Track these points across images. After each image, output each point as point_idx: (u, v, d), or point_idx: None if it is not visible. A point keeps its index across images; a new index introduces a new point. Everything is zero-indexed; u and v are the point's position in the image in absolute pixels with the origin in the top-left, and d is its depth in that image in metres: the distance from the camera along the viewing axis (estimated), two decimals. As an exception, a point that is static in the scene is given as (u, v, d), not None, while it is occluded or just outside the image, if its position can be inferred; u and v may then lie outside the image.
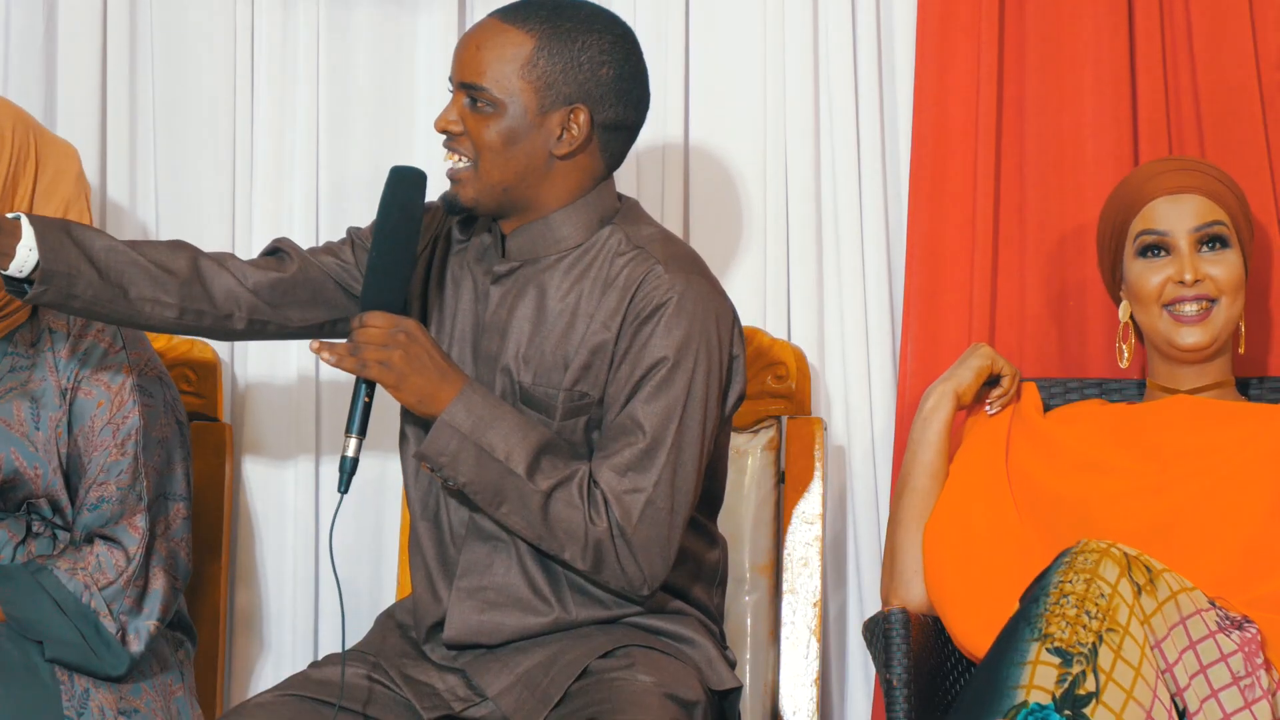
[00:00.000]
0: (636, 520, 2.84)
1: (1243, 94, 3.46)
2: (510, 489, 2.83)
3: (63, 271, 2.84)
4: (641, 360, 2.86)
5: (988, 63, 3.49)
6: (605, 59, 2.89)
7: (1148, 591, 2.77)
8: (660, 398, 2.85)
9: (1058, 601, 2.74)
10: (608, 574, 2.86)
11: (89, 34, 3.61)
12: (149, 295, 2.91)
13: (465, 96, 2.89)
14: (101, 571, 3.05)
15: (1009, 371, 3.22)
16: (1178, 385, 3.18)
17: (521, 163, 2.89)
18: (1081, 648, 2.70)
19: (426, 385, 2.84)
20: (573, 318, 2.90)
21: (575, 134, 2.89)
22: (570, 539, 2.84)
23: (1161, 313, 3.15)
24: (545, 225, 2.93)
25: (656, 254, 2.90)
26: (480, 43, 2.88)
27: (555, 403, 2.90)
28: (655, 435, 2.85)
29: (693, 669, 2.92)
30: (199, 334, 3.00)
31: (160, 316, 2.93)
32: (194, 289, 2.94)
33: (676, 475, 2.86)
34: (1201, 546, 2.99)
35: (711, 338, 2.88)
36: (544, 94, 2.87)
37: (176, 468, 3.15)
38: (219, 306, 2.96)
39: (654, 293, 2.87)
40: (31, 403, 3.08)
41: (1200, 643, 2.78)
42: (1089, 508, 3.06)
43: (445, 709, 2.90)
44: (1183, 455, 3.08)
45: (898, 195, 3.58)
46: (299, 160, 3.63)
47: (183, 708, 3.15)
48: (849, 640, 3.57)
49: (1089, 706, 2.67)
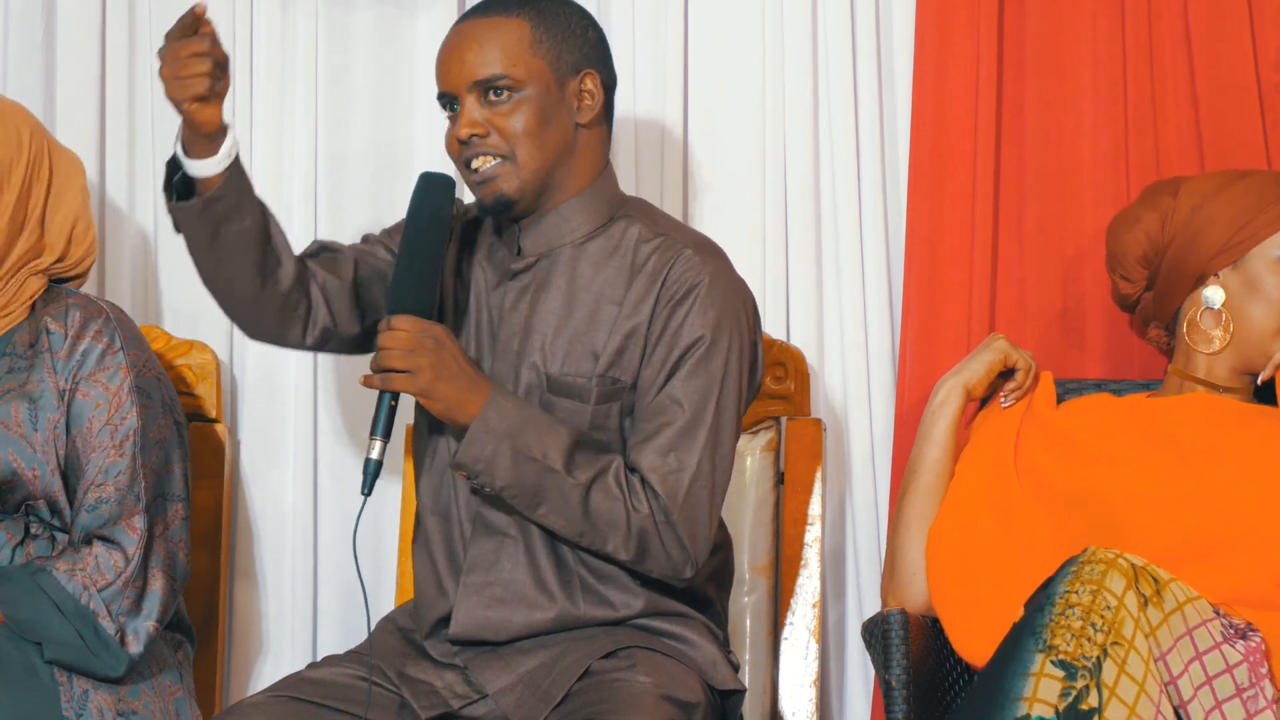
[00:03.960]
0: (682, 500, 2.84)
1: (1242, 94, 3.46)
2: (550, 487, 2.83)
3: (243, 187, 2.86)
4: (679, 340, 2.88)
5: (987, 63, 3.49)
6: (586, 22, 2.97)
7: (1154, 603, 2.76)
8: (699, 375, 2.87)
9: (1063, 612, 2.73)
10: (651, 561, 2.86)
11: (88, 34, 3.61)
12: (280, 260, 2.92)
13: (478, 96, 2.89)
14: (100, 572, 3.05)
15: (1024, 364, 3.20)
16: (1214, 380, 3.16)
17: (557, 139, 2.91)
18: (1086, 661, 2.69)
19: (455, 393, 2.84)
20: (598, 305, 2.91)
21: (593, 98, 2.93)
22: (612, 530, 2.84)
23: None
24: (557, 216, 2.95)
25: (683, 239, 2.94)
26: (480, 40, 2.90)
27: (590, 388, 2.90)
28: (695, 413, 2.86)
29: (694, 671, 2.92)
30: (281, 325, 2.97)
31: (278, 284, 2.92)
32: (305, 274, 2.96)
33: (716, 454, 2.87)
34: (1241, 560, 2.97)
35: (741, 321, 2.91)
36: (557, 67, 2.91)
37: (175, 468, 3.15)
38: (311, 298, 2.97)
39: (686, 275, 2.89)
40: (30, 404, 3.08)
41: (1206, 654, 2.77)
42: (1109, 501, 3.04)
43: (443, 707, 2.90)
44: (1201, 450, 3.06)
45: (897, 196, 3.58)
46: (298, 160, 3.62)
47: (182, 708, 3.15)
48: (848, 641, 3.57)
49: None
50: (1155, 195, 3.21)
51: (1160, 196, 3.19)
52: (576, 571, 2.91)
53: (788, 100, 3.57)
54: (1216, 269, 3.14)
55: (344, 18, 3.63)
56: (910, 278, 3.51)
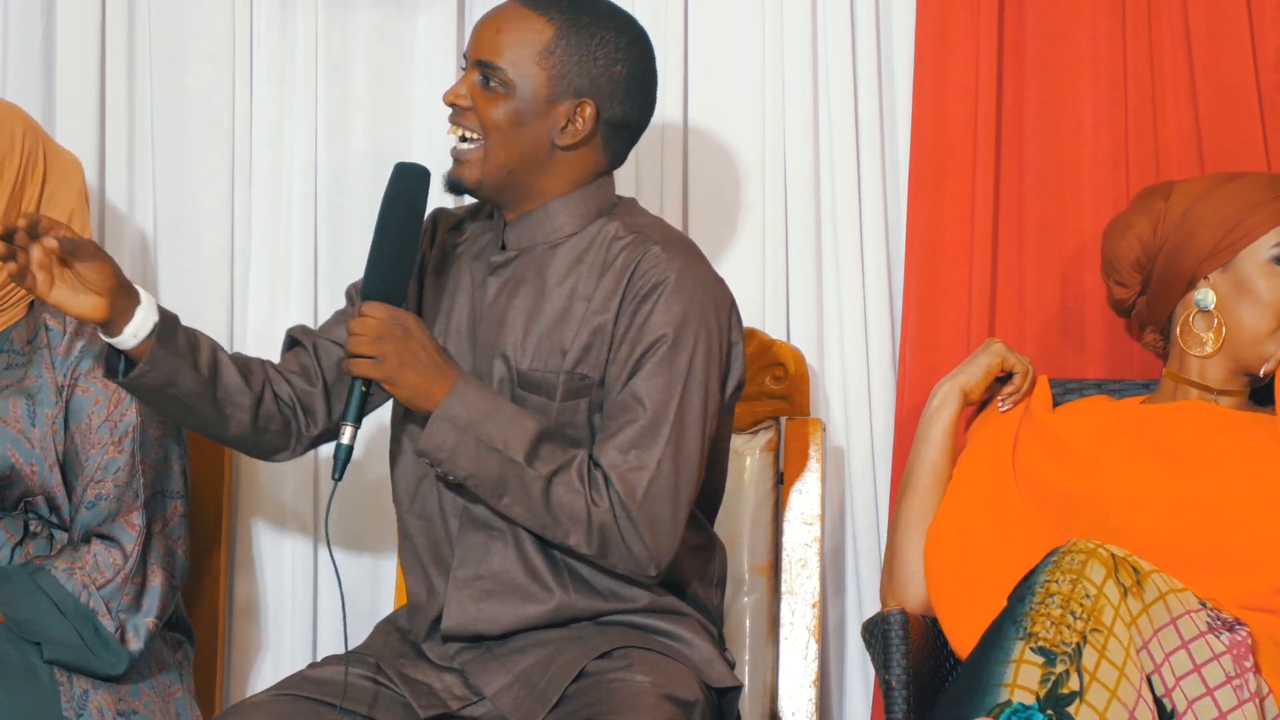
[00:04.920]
0: (641, 497, 2.83)
1: (1242, 94, 3.46)
2: (511, 478, 2.83)
3: (171, 357, 2.84)
4: (642, 338, 2.86)
5: (987, 63, 3.49)
6: (619, 57, 2.92)
7: (1134, 593, 2.77)
8: (661, 374, 2.85)
9: (1043, 601, 2.74)
10: (614, 556, 2.85)
11: (88, 35, 3.62)
12: (234, 399, 2.91)
13: (478, 74, 2.91)
14: (99, 570, 3.05)
15: (1020, 368, 3.21)
16: (1208, 383, 3.16)
17: (525, 146, 2.90)
18: (1065, 647, 2.70)
19: (420, 381, 2.84)
20: (570, 301, 2.91)
21: (580, 127, 2.91)
22: (574, 524, 2.83)
23: (1277, 329, 3.14)
24: (544, 213, 2.94)
25: (654, 236, 2.92)
26: (501, 25, 2.91)
27: (555, 385, 2.90)
28: (657, 412, 2.85)
29: (690, 669, 2.92)
30: (263, 448, 2.98)
31: (238, 422, 2.92)
32: (267, 394, 2.96)
33: (679, 453, 2.85)
34: (1238, 568, 2.96)
35: (710, 320, 2.89)
36: (556, 83, 2.89)
37: (173, 465, 3.15)
38: (283, 413, 2.97)
39: (652, 271, 2.88)
40: (28, 399, 3.08)
41: (1192, 642, 2.78)
42: (1105, 505, 3.04)
43: (442, 708, 2.90)
44: (1194, 457, 3.06)
45: (897, 196, 3.58)
46: (298, 161, 3.63)
47: (182, 708, 3.15)
48: (848, 641, 3.57)
49: (1072, 706, 2.68)
50: (1147, 199, 3.21)
51: (1152, 200, 3.19)
52: (564, 562, 2.91)
53: (788, 100, 3.57)
54: (1207, 272, 3.13)
55: (344, 18, 3.63)
56: (910, 278, 3.51)
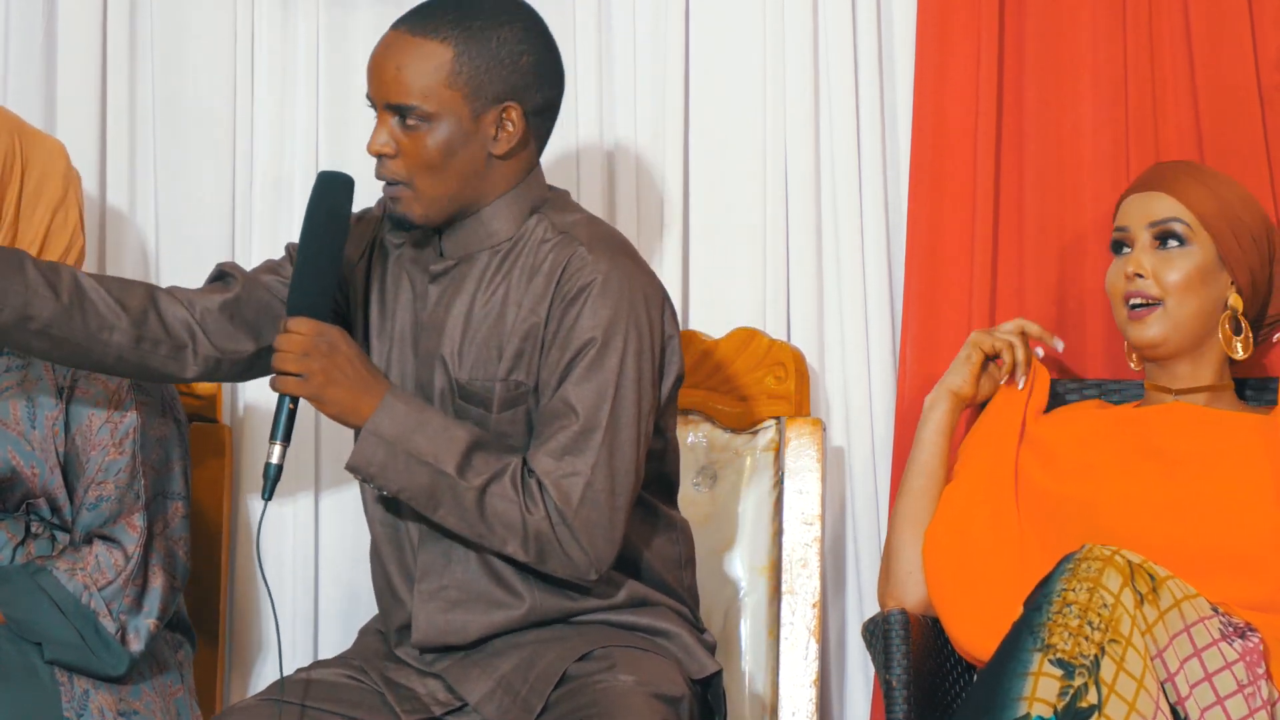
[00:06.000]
0: (577, 503, 2.82)
1: (1242, 94, 3.45)
2: (444, 490, 2.82)
3: (18, 289, 2.82)
4: (570, 342, 2.85)
5: (987, 63, 3.49)
6: (522, 48, 2.89)
7: (1150, 600, 2.76)
8: (591, 379, 2.84)
9: (1060, 611, 2.73)
10: (553, 563, 2.84)
11: (89, 36, 3.61)
12: (108, 321, 2.88)
13: (394, 117, 2.87)
14: (100, 571, 3.05)
15: (1003, 344, 3.20)
16: (1170, 384, 3.17)
17: (465, 168, 2.88)
18: (1084, 659, 2.69)
19: (347, 398, 2.83)
20: (503, 307, 2.89)
21: (511, 130, 2.89)
22: (510, 532, 2.82)
23: (1122, 307, 3.15)
24: (478, 221, 2.92)
25: (580, 237, 2.90)
26: (400, 61, 2.86)
27: (492, 394, 2.89)
28: (588, 417, 2.83)
29: (673, 662, 2.92)
30: (152, 372, 2.95)
31: (116, 345, 2.89)
32: (149, 316, 2.92)
33: (614, 457, 2.84)
34: (1233, 570, 2.96)
35: (640, 318, 2.87)
36: (474, 99, 2.86)
37: (174, 466, 3.15)
38: (174, 335, 2.93)
39: (579, 274, 2.86)
40: (28, 401, 3.08)
41: (1205, 650, 2.77)
42: (1096, 511, 3.04)
43: (425, 713, 2.90)
44: (1183, 460, 3.06)
45: (897, 196, 3.58)
46: (298, 162, 3.63)
47: (182, 708, 3.15)
48: (848, 641, 3.56)
49: (1091, 719, 2.67)
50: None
51: None
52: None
53: (788, 100, 3.57)
54: None
55: (344, 18, 3.63)
56: (910, 278, 3.51)
